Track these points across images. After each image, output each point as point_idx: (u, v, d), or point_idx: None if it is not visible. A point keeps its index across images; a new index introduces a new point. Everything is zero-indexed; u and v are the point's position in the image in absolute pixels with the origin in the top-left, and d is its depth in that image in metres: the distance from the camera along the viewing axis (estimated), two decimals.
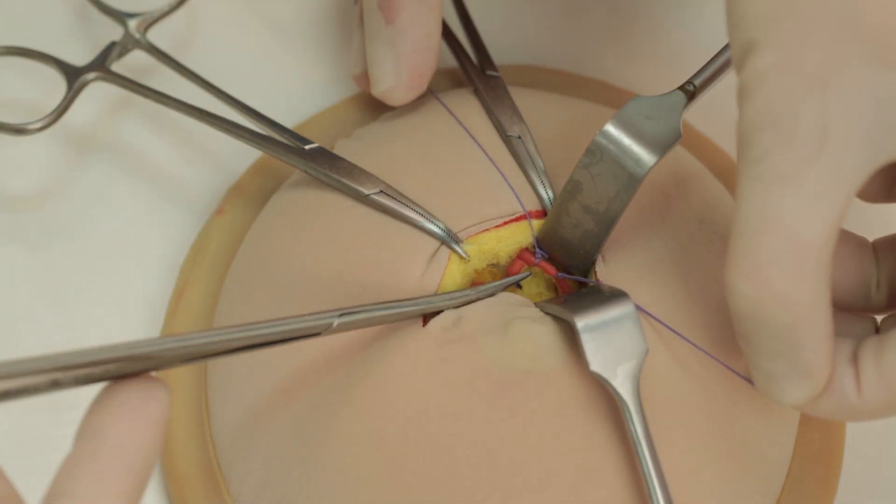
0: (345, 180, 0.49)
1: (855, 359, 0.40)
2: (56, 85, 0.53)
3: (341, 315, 0.42)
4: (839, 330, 0.40)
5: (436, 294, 0.47)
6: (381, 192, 0.49)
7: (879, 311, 0.43)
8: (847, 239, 0.43)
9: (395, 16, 0.49)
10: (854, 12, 0.37)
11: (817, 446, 0.49)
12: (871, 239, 0.44)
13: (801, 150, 0.37)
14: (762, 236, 0.37)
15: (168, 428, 0.49)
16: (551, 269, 0.48)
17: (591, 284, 0.47)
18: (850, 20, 0.37)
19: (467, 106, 0.52)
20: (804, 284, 0.37)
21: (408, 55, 0.49)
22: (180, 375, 0.50)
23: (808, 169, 0.37)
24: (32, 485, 0.49)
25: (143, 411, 0.34)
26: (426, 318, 0.46)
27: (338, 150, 0.51)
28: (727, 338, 0.47)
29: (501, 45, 0.56)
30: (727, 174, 0.55)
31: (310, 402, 0.46)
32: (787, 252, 0.37)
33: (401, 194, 0.48)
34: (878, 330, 0.43)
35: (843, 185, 0.37)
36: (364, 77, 0.52)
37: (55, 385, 0.34)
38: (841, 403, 0.40)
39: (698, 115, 0.55)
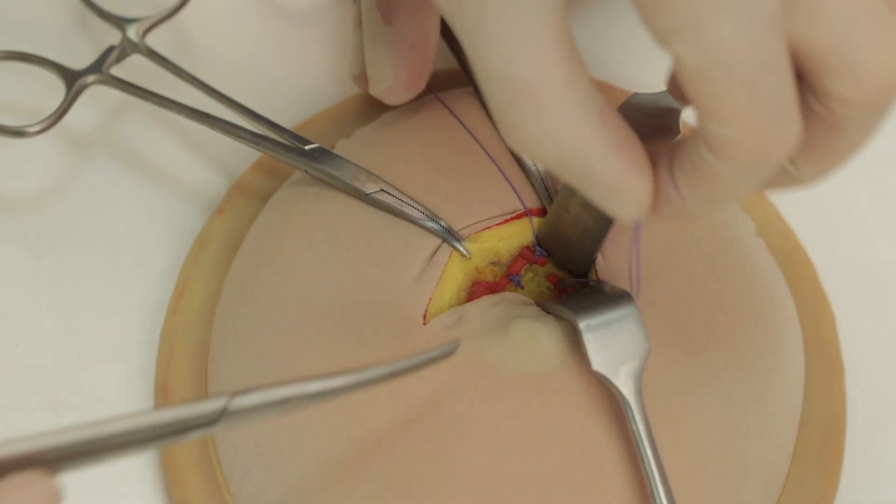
0: (345, 179, 0.49)
1: (671, 166, 0.38)
2: (55, 89, 0.53)
3: (234, 397, 0.37)
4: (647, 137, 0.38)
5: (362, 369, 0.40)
6: (382, 190, 0.49)
7: None
8: None
9: (394, 16, 0.49)
10: None
11: (817, 447, 0.49)
12: None
13: None
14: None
15: None
16: (553, 278, 0.48)
17: (592, 284, 0.48)
18: None
19: (467, 105, 0.52)
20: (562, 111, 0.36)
21: (406, 55, 0.49)
22: (181, 374, 0.50)
23: None
24: None
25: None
26: (426, 316, 0.46)
27: (338, 150, 0.51)
28: (728, 336, 0.47)
29: None
30: None
31: None
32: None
33: (402, 193, 0.49)
34: None
35: None
36: (363, 77, 0.52)
37: None
38: (673, 209, 0.38)
39: None
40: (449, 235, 0.48)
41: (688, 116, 0.51)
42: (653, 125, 0.43)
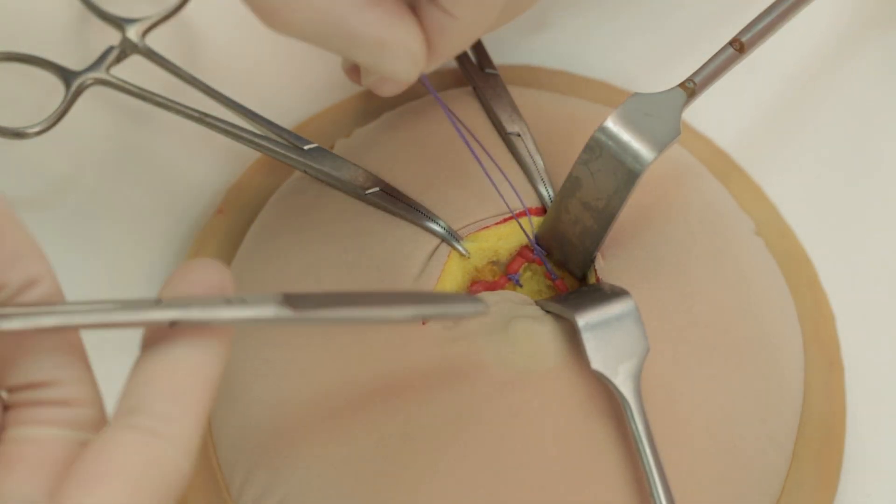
0: (344, 179, 0.49)
1: None
2: (55, 89, 0.53)
3: None
4: None
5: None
6: (381, 190, 0.49)
7: None
8: None
9: None
10: None
11: (817, 446, 0.49)
12: None
13: None
14: None
15: None
16: (549, 276, 0.49)
17: (591, 283, 0.48)
18: None
19: (466, 105, 0.52)
20: None
21: None
22: None
23: None
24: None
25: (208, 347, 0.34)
26: None
27: (338, 150, 0.51)
28: (727, 336, 0.47)
29: (501, 44, 0.56)
30: (726, 173, 0.55)
31: (310, 402, 0.46)
32: None
33: (400, 192, 0.49)
34: None
35: None
36: (354, 70, 0.52)
37: None
38: (454, 39, 0.39)
39: (697, 115, 0.56)
40: (448, 235, 0.48)
41: (687, 117, 0.51)
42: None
